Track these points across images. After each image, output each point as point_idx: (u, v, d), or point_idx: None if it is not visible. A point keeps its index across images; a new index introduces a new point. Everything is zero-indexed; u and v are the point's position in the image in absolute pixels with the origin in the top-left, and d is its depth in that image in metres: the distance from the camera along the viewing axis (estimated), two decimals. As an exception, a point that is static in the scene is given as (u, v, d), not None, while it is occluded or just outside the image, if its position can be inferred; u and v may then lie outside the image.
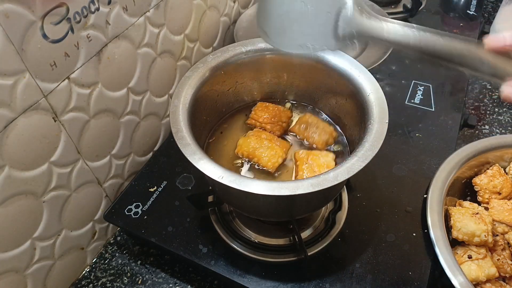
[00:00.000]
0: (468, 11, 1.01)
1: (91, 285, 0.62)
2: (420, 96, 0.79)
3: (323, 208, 0.62)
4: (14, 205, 0.49)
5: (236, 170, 0.55)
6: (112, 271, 0.64)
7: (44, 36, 0.46)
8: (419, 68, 0.86)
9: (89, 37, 0.52)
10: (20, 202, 0.49)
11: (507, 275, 0.57)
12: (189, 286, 0.61)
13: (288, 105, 0.63)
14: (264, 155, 0.53)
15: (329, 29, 0.39)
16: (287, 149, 0.56)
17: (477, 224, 0.57)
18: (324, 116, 0.61)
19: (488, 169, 0.67)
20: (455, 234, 0.58)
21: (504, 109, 0.85)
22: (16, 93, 0.45)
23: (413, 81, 0.82)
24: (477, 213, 0.59)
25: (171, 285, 0.61)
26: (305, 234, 0.59)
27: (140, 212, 0.63)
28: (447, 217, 0.61)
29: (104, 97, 0.58)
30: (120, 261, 0.65)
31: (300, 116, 0.60)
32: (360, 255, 0.57)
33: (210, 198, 0.62)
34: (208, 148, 0.58)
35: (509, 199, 0.63)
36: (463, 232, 0.57)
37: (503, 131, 0.81)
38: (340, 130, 0.59)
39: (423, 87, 0.81)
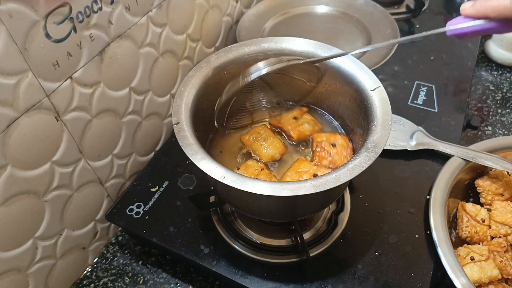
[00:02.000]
0: (471, 12, 1.00)
1: (92, 284, 0.62)
2: (423, 97, 0.79)
3: (326, 209, 0.61)
4: (16, 205, 0.49)
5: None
6: (113, 271, 0.64)
7: (47, 35, 0.46)
8: (422, 69, 0.85)
9: (92, 36, 0.52)
10: (22, 202, 0.49)
11: (510, 277, 0.56)
12: (190, 287, 0.61)
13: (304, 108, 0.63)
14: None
15: None
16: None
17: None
18: (328, 116, 0.61)
19: (490, 170, 0.67)
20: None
21: (507, 110, 0.85)
22: (18, 92, 0.45)
23: (416, 81, 0.82)
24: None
25: (172, 286, 0.61)
26: (307, 235, 0.59)
27: (141, 212, 0.63)
28: (449, 218, 0.60)
29: (106, 96, 0.58)
30: (121, 261, 0.65)
31: (254, 127, 0.58)
32: (362, 256, 0.57)
33: (212, 199, 0.62)
34: (210, 148, 0.58)
35: (512, 201, 0.63)
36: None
37: (506, 132, 0.81)
38: (343, 131, 0.59)
39: (426, 88, 0.81)
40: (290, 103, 0.61)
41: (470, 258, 0.56)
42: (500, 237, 0.60)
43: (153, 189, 0.66)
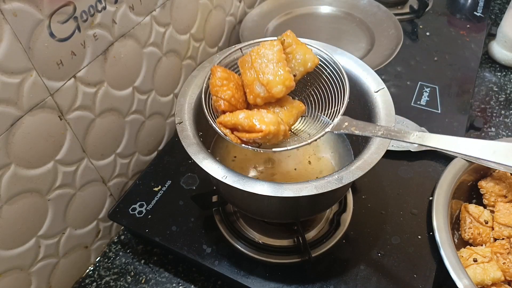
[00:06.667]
0: (475, 13, 1.00)
1: (94, 283, 0.63)
2: (426, 98, 0.79)
3: (328, 209, 0.61)
4: (19, 203, 0.49)
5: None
6: (115, 270, 0.64)
7: (51, 34, 0.46)
8: (425, 70, 0.85)
9: (96, 36, 0.52)
10: (26, 200, 0.50)
11: (513, 279, 0.56)
12: (192, 286, 0.61)
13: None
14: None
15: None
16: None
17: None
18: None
19: (494, 171, 0.66)
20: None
21: (511, 111, 0.85)
22: (23, 91, 0.45)
23: (419, 82, 0.82)
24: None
25: (174, 285, 0.61)
26: (309, 235, 0.59)
27: (144, 211, 0.63)
28: (452, 220, 0.60)
29: (110, 96, 0.58)
30: (123, 260, 0.65)
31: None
32: (365, 257, 0.57)
33: (214, 198, 0.62)
34: (214, 148, 0.58)
35: (515, 203, 0.63)
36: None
37: (509, 133, 0.81)
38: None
39: (429, 89, 0.80)
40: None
41: (473, 259, 0.56)
42: (503, 238, 0.60)
43: (156, 189, 0.66)
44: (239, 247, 0.57)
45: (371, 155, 0.43)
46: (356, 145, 0.56)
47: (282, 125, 0.43)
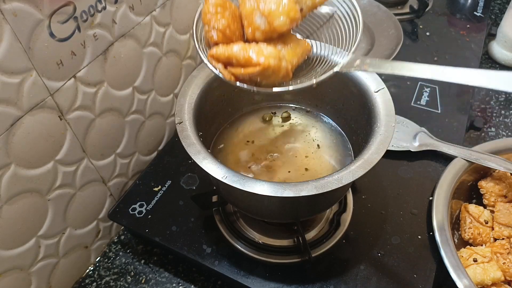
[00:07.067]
0: (475, 13, 1.00)
1: (94, 283, 0.63)
2: (426, 98, 0.79)
3: (328, 209, 0.61)
4: (19, 203, 0.49)
5: (245, 170, 0.55)
6: (115, 270, 0.64)
7: (51, 34, 0.46)
8: (425, 70, 0.85)
9: (96, 36, 0.52)
10: (26, 200, 0.50)
11: (513, 279, 0.56)
12: (192, 286, 0.61)
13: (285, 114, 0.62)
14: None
15: None
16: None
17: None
18: (327, 119, 0.61)
19: (494, 171, 0.66)
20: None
21: (511, 111, 0.85)
22: (23, 91, 0.45)
23: (419, 82, 0.82)
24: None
25: (174, 285, 0.61)
26: (309, 235, 0.59)
27: (144, 211, 0.63)
28: (452, 220, 0.60)
29: (110, 96, 0.58)
30: (123, 260, 0.65)
31: None
32: (364, 257, 0.57)
33: (214, 198, 0.62)
34: (214, 148, 0.58)
35: (515, 203, 0.63)
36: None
37: (509, 133, 0.81)
38: (345, 134, 0.59)
39: (429, 89, 0.80)
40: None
41: (473, 259, 0.56)
42: (503, 238, 0.60)
43: (156, 189, 0.66)
44: (239, 247, 0.58)
45: (371, 155, 0.43)
46: (356, 145, 0.56)
47: (284, 61, 0.38)
